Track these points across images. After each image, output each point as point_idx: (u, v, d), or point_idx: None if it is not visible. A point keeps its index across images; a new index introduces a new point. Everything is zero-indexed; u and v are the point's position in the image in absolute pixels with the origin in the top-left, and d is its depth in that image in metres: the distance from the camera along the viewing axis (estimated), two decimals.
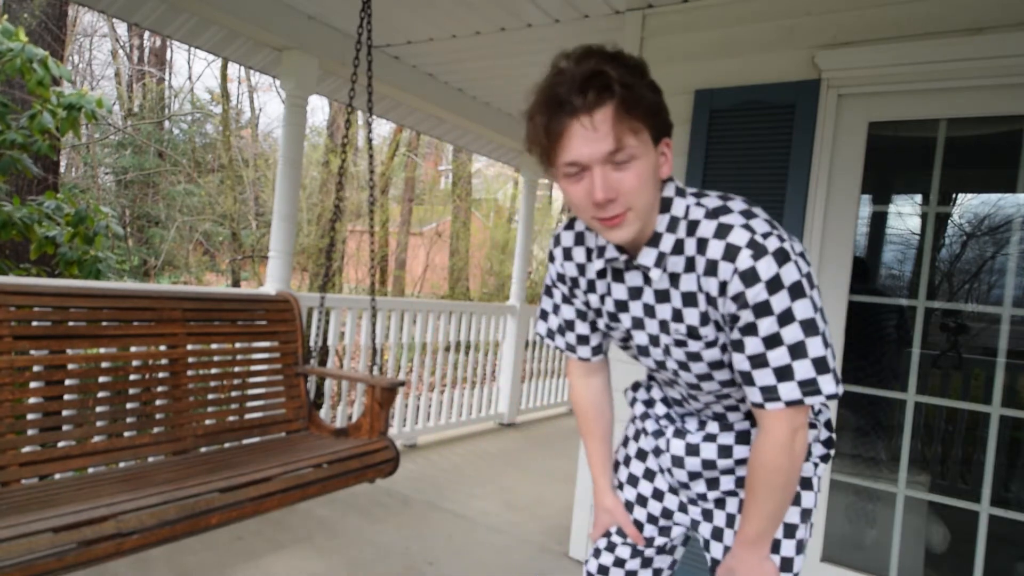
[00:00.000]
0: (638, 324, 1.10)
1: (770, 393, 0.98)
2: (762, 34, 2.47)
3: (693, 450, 1.18)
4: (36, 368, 2.00)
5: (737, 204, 1.01)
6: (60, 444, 1.97)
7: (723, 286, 0.96)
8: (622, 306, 1.10)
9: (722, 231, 0.96)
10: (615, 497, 1.33)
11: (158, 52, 12.55)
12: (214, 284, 12.19)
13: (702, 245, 0.98)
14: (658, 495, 1.28)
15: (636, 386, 1.38)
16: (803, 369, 0.96)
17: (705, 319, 1.01)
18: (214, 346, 2.47)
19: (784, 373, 0.97)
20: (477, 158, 13.51)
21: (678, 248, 1.01)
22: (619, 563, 1.29)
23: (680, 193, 1.04)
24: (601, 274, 1.12)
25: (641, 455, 1.31)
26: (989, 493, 2.10)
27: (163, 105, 12.69)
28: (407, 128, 5.32)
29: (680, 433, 1.21)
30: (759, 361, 0.97)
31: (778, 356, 0.96)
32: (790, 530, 1.14)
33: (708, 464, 1.16)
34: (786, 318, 0.95)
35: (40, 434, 1.95)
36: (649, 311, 1.07)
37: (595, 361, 1.29)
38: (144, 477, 1.93)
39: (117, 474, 1.97)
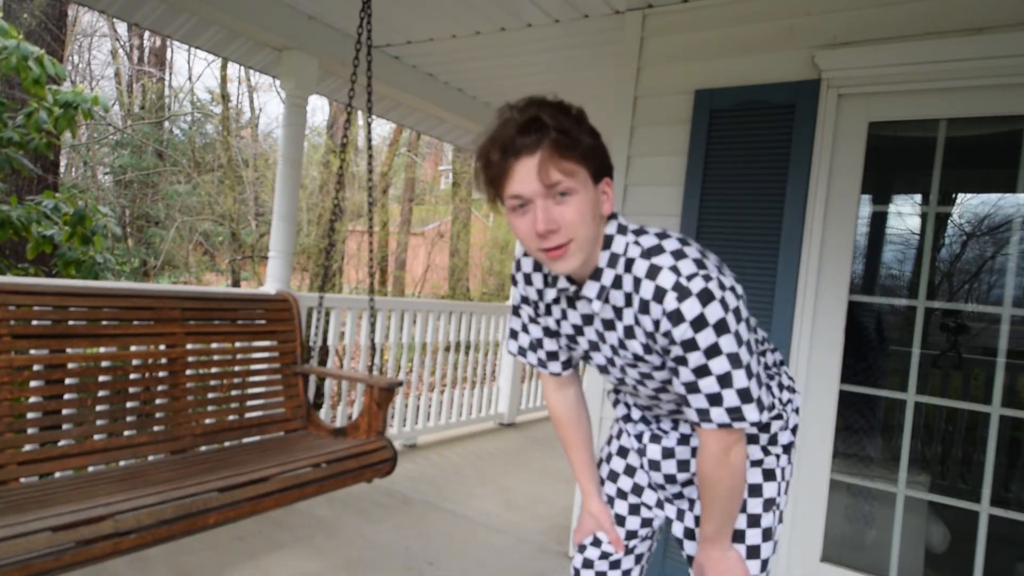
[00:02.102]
0: (594, 346, 1.19)
1: (703, 415, 1.07)
2: (762, 34, 2.47)
3: (669, 453, 1.27)
4: (36, 367, 2.00)
5: (670, 244, 1.07)
6: (59, 443, 1.97)
7: (656, 323, 1.06)
8: (578, 330, 1.20)
9: (652, 272, 1.05)
10: (601, 503, 1.39)
11: (158, 52, 12.55)
12: (214, 284, 12.19)
13: (637, 284, 1.07)
14: (637, 490, 1.36)
15: (618, 388, 1.43)
16: (730, 398, 1.05)
17: (648, 349, 1.11)
18: (214, 345, 2.47)
19: (714, 399, 1.06)
20: None
21: (617, 283, 1.09)
22: (604, 555, 1.37)
23: (621, 231, 1.11)
24: (557, 300, 1.21)
25: (622, 452, 1.39)
26: (989, 493, 2.10)
27: (163, 105, 12.69)
28: (407, 128, 5.32)
29: (656, 437, 1.29)
30: (692, 388, 1.07)
31: (708, 384, 1.05)
32: (754, 520, 1.23)
33: (683, 465, 1.27)
34: (712, 352, 1.03)
35: (39, 433, 1.95)
36: (600, 336, 1.16)
37: (566, 375, 1.36)
38: (143, 476, 1.93)
39: (116, 473, 1.97)
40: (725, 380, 1.04)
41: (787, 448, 1.27)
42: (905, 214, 2.47)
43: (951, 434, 2.54)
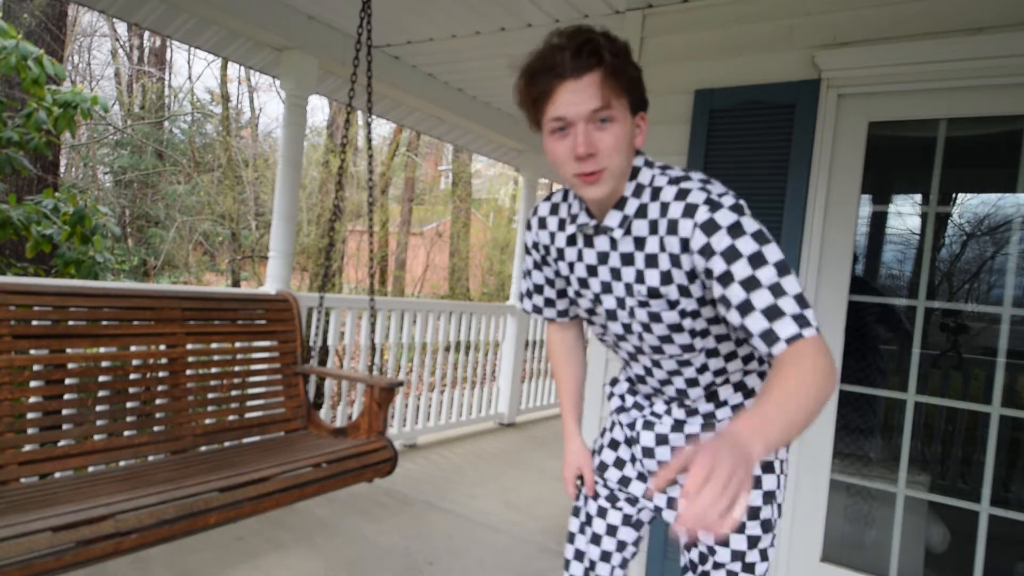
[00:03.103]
0: (606, 288, 1.16)
1: (769, 336, 0.96)
2: (762, 34, 2.47)
3: (662, 439, 1.25)
4: (36, 367, 2.00)
5: (697, 175, 1.10)
6: (60, 443, 1.97)
7: (685, 243, 1.04)
8: (592, 271, 1.18)
9: (682, 194, 1.05)
10: (582, 442, 1.43)
11: (158, 52, 12.54)
12: (214, 284, 12.19)
13: (664, 208, 1.06)
14: (624, 481, 1.35)
15: (614, 381, 1.44)
16: (789, 305, 0.96)
17: (667, 279, 1.07)
18: (214, 345, 2.47)
19: (773, 313, 0.96)
20: (477, 158, 13.52)
21: (642, 212, 1.09)
22: (596, 540, 1.37)
23: (648, 164, 1.13)
24: (571, 241, 1.20)
25: (613, 444, 1.38)
26: (989, 493, 2.10)
27: (162, 105, 12.69)
28: (407, 128, 5.32)
29: (649, 424, 1.27)
30: (747, 308, 0.98)
31: (762, 298, 0.97)
32: (754, 512, 1.21)
33: (677, 452, 1.14)
34: (757, 260, 0.98)
35: (40, 433, 1.95)
36: (616, 274, 1.14)
37: (561, 321, 1.41)
38: (143, 476, 1.93)
39: (116, 473, 1.97)
40: (777, 289, 0.96)
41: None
42: (905, 214, 2.47)
43: (951, 434, 2.54)
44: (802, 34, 2.39)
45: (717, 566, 1.22)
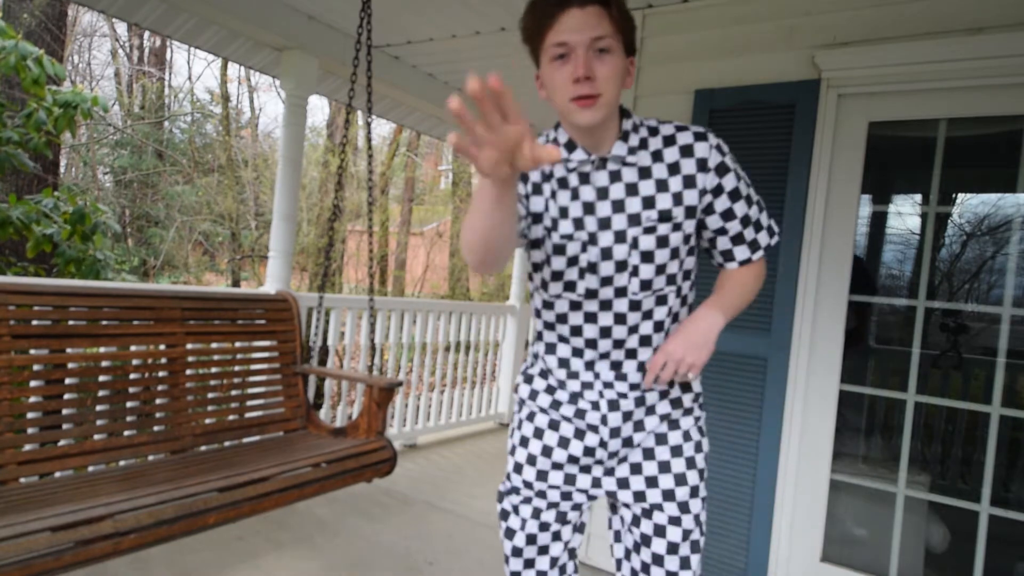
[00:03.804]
0: (604, 224, 1.19)
1: (754, 246, 1.27)
2: (762, 34, 2.47)
3: (628, 416, 1.26)
4: (36, 367, 2.00)
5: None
6: (59, 443, 1.97)
7: (702, 163, 1.18)
8: (588, 208, 1.20)
9: (682, 128, 1.21)
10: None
11: (158, 52, 12.54)
12: (214, 284, 12.19)
13: (668, 140, 1.20)
14: (558, 466, 1.30)
15: (529, 378, 1.36)
16: (765, 220, 1.27)
17: (678, 200, 1.19)
18: (213, 345, 2.47)
19: (759, 227, 1.26)
20: None
21: (643, 145, 1.20)
22: (535, 514, 1.33)
23: (630, 113, 1.25)
24: (562, 184, 1.22)
25: (538, 433, 1.32)
26: (989, 493, 2.10)
27: (162, 105, 12.69)
28: (407, 128, 5.32)
29: (614, 404, 1.25)
30: (747, 221, 1.24)
31: (754, 213, 1.25)
32: (691, 462, 1.30)
33: (638, 425, 1.28)
34: (748, 182, 1.25)
35: (39, 433, 1.95)
36: (618, 206, 1.19)
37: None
38: (143, 476, 1.93)
39: (116, 473, 1.97)
40: (761, 206, 1.27)
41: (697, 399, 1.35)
42: (905, 214, 2.47)
43: (951, 434, 2.54)
44: (802, 34, 2.39)
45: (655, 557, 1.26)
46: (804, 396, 2.35)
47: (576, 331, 1.25)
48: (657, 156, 1.19)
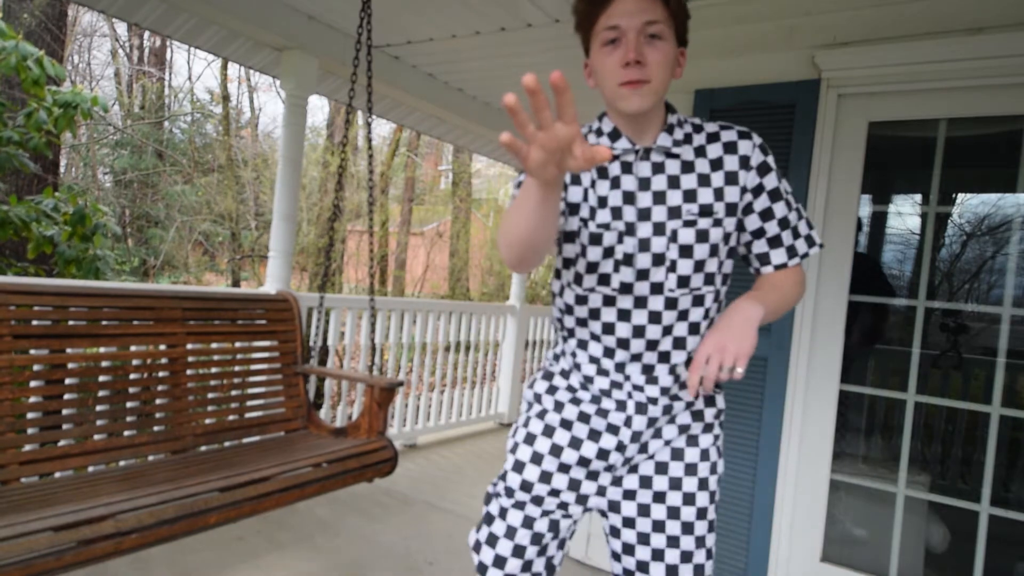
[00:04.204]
0: (643, 215, 1.17)
1: (792, 252, 1.22)
2: (762, 34, 2.47)
3: (653, 422, 1.21)
4: (36, 367, 2.00)
5: None
6: (60, 443, 1.97)
7: (745, 160, 1.18)
8: (629, 198, 1.17)
9: (726, 127, 1.21)
10: None
11: (158, 52, 12.54)
12: (214, 284, 12.19)
13: (712, 136, 1.19)
14: (564, 468, 1.24)
15: (548, 375, 1.31)
16: (804, 228, 1.23)
17: (719, 195, 1.17)
18: (214, 345, 2.47)
19: (797, 234, 1.22)
20: (477, 158, 13.52)
21: (687, 140, 1.19)
22: (527, 522, 1.25)
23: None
24: (602, 173, 1.19)
25: (548, 431, 1.26)
26: (989, 493, 2.10)
27: (162, 105, 12.69)
28: (407, 128, 5.32)
29: (642, 407, 1.20)
30: (785, 224, 1.21)
31: (794, 220, 1.22)
32: (703, 483, 1.24)
33: (657, 432, 1.23)
34: (789, 189, 1.23)
35: (40, 433, 1.95)
36: (659, 198, 1.17)
37: None
38: (143, 476, 1.93)
39: (116, 473, 1.97)
40: (800, 212, 1.23)
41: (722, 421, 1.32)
42: (905, 214, 2.47)
43: (951, 434, 2.55)
44: (802, 34, 2.39)
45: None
46: (804, 396, 2.35)
47: (608, 329, 1.19)
48: (700, 151, 1.18)
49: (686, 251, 1.15)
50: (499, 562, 1.24)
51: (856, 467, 2.48)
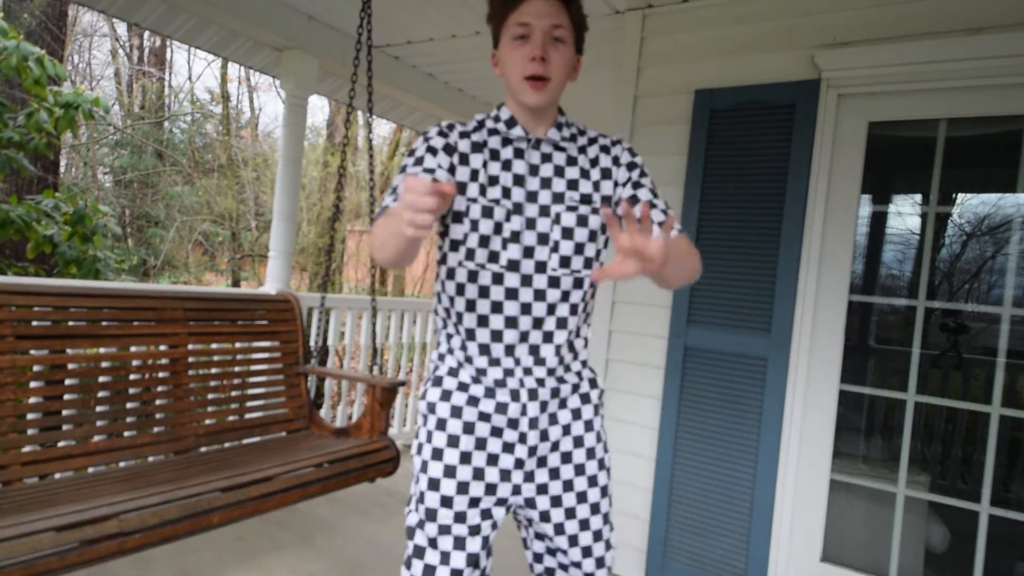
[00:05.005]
0: (531, 197, 1.29)
1: (667, 215, 1.31)
2: (762, 34, 2.47)
3: (544, 407, 1.30)
4: (37, 368, 2.01)
5: None
6: (61, 444, 1.97)
7: (616, 159, 1.34)
8: (519, 180, 1.29)
9: (603, 135, 1.38)
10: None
11: (158, 52, 12.54)
12: (214, 284, 12.19)
13: (592, 140, 1.36)
14: (479, 474, 1.26)
15: (438, 380, 1.33)
16: (672, 213, 1.39)
17: (597, 187, 1.32)
18: (214, 346, 2.47)
19: (664, 211, 1.32)
20: None
21: (572, 139, 1.34)
22: (459, 543, 1.26)
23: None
24: (494, 155, 1.30)
25: (453, 441, 1.28)
26: (989, 493, 2.10)
27: (162, 105, 12.68)
28: (407, 128, 5.33)
29: (554, 418, 1.30)
30: (652, 204, 1.31)
31: (661, 203, 1.33)
32: (597, 476, 1.35)
33: (565, 429, 1.34)
34: (655, 187, 1.38)
35: (41, 434, 1.95)
36: (545, 183, 1.30)
37: None
38: (145, 476, 1.93)
39: (118, 473, 1.97)
40: (667, 206, 1.35)
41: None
42: (905, 214, 2.47)
43: (951, 434, 2.55)
44: (802, 34, 2.39)
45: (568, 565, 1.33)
46: (804, 396, 2.36)
47: (497, 308, 1.26)
48: (582, 150, 1.34)
49: (567, 233, 1.27)
50: None
51: (856, 467, 2.48)
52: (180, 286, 6.95)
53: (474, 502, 1.25)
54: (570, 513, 1.31)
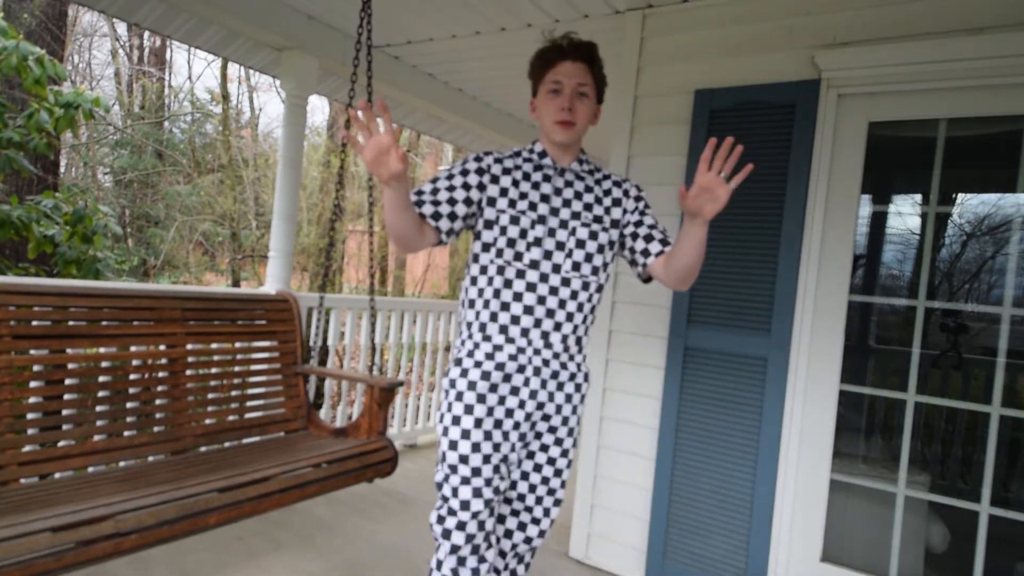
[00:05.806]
0: (554, 212, 1.61)
1: (664, 243, 1.66)
2: (762, 34, 2.47)
3: (544, 384, 1.60)
4: (36, 368, 2.00)
5: None
6: (60, 444, 1.97)
7: (627, 192, 1.70)
8: (545, 198, 1.62)
9: (614, 174, 1.74)
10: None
11: (158, 52, 12.54)
12: (214, 284, 12.19)
13: (606, 177, 1.71)
14: (488, 436, 1.56)
15: (458, 361, 1.61)
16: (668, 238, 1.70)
17: (608, 211, 1.66)
18: (214, 346, 2.47)
19: (665, 234, 1.69)
20: None
21: (591, 172, 1.69)
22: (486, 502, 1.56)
23: None
24: (526, 176, 1.63)
25: (468, 408, 1.57)
26: (989, 493, 2.10)
27: (162, 105, 12.68)
28: (407, 128, 5.33)
29: (538, 370, 1.59)
30: (654, 227, 1.69)
31: (662, 227, 1.71)
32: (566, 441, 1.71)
33: (568, 398, 1.66)
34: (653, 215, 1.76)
35: (40, 433, 1.95)
36: (566, 203, 1.63)
37: (431, 228, 1.57)
38: (143, 477, 1.93)
39: (116, 474, 1.97)
40: (665, 232, 1.71)
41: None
42: (905, 214, 2.47)
43: (951, 434, 2.55)
44: (802, 34, 2.39)
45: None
46: (804, 396, 2.35)
47: (518, 297, 1.58)
48: (597, 182, 1.69)
49: (580, 243, 1.61)
50: (460, 526, 1.54)
51: (856, 467, 2.48)
52: (179, 286, 6.94)
53: (487, 459, 1.55)
54: (540, 473, 1.66)
